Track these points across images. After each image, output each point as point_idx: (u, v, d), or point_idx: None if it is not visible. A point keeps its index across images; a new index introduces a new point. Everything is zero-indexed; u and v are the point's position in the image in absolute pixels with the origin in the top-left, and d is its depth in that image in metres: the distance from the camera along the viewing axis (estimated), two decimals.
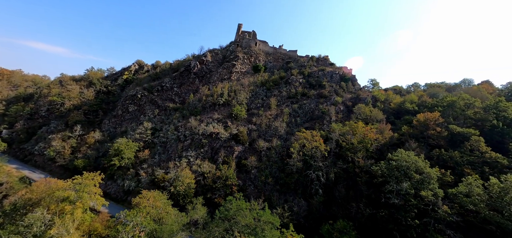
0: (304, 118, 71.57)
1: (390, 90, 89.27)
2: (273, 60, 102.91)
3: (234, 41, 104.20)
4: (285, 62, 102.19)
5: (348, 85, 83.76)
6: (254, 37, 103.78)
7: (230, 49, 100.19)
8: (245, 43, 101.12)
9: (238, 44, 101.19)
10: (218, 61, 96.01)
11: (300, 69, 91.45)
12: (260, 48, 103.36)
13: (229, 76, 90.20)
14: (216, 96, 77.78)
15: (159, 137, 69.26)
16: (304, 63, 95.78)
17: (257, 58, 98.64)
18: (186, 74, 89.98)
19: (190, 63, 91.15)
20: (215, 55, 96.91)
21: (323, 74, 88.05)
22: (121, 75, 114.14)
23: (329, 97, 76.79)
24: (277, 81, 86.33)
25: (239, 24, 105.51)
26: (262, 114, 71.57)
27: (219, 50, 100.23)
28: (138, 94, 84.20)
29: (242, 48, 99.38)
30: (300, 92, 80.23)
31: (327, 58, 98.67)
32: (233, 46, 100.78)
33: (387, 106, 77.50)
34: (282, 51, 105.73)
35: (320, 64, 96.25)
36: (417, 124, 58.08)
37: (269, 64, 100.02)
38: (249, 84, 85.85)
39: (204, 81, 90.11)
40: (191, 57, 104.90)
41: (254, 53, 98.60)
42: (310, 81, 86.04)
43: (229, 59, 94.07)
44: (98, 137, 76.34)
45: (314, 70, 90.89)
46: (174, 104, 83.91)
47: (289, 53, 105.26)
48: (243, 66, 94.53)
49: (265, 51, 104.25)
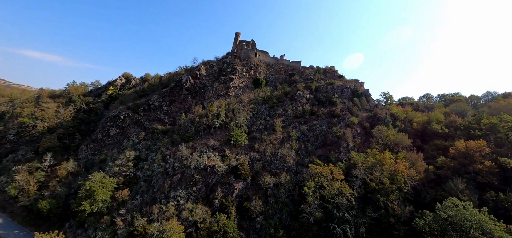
0: (315, 143, 60.96)
1: (408, 106, 79.43)
2: (275, 72, 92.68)
3: (231, 52, 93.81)
4: (288, 75, 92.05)
5: (362, 101, 73.64)
6: (253, 47, 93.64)
7: (226, 61, 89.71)
8: (244, 54, 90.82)
9: (235, 55, 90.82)
10: (213, 74, 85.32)
11: (306, 83, 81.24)
12: (261, 59, 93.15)
13: (226, 92, 79.49)
14: (212, 117, 66.81)
15: (143, 169, 57.78)
16: (310, 76, 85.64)
17: (257, 70, 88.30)
18: (177, 91, 78.95)
19: (181, 77, 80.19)
20: (210, 68, 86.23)
21: (332, 89, 77.91)
22: (105, 90, 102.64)
23: (343, 117, 66.49)
24: (281, 98, 75.85)
25: (236, 33, 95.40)
26: (265, 139, 60.77)
27: (215, 62, 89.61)
28: (121, 115, 72.72)
29: (241, 60, 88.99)
30: (308, 111, 69.80)
31: (334, 70, 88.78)
32: (230, 57, 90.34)
33: (408, 126, 67.51)
34: (284, 62, 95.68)
35: (328, 77, 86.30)
36: (455, 154, 47.91)
37: (270, 77, 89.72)
38: (249, 101, 75.17)
39: (198, 98, 79.16)
40: (183, 69, 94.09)
41: (253, 65, 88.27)
42: (318, 97, 75.79)
43: (226, 73, 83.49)
44: (72, 167, 64.53)
45: (322, 84, 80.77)
46: (163, 125, 72.62)
47: (293, 65, 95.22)
48: (242, 80, 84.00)
49: (266, 62, 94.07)
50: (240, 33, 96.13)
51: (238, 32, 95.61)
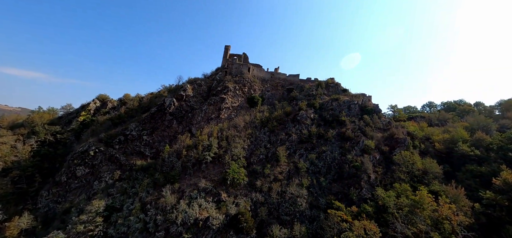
0: (329, 175, 51.04)
1: (421, 121, 71.56)
2: (271, 88, 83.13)
3: (221, 68, 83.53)
4: (285, 90, 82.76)
5: (373, 119, 64.97)
6: (245, 61, 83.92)
7: (216, 78, 79.20)
8: (236, 70, 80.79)
9: (226, 71, 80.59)
10: (201, 95, 74.39)
11: (308, 100, 71.90)
12: (255, 74, 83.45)
13: (217, 115, 68.70)
14: (202, 149, 55.66)
15: (116, 224, 45.38)
16: (312, 91, 76.51)
17: (251, 87, 78.31)
18: (159, 116, 67.29)
19: (164, 100, 68.71)
20: (197, 87, 75.32)
21: (338, 106, 69.00)
22: (77, 116, 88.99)
23: (356, 140, 57.27)
24: (281, 119, 65.91)
25: (226, 46, 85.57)
26: (269, 174, 50.29)
27: (202, 80, 78.76)
28: (90, 150, 60.01)
29: (232, 76, 78.77)
30: (315, 133, 60.18)
31: (337, 83, 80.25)
32: (220, 74, 79.95)
33: (429, 146, 59.28)
34: (280, 77, 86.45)
35: (331, 91, 77.62)
36: (503, 187, 39.34)
37: (266, 94, 79.96)
38: (246, 125, 64.71)
39: (185, 124, 67.80)
40: (166, 89, 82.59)
41: (247, 82, 78.28)
42: (324, 116, 66.51)
43: (216, 92, 72.85)
44: (26, 223, 50.99)
45: (326, 101, 71.77)
46: (143, 160, 60.53)
47: (290, 79, 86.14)
48: (235, 99, 73.61)
49: (260, 77, 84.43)
50: (230, 47, 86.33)
51: (228, 46, 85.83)
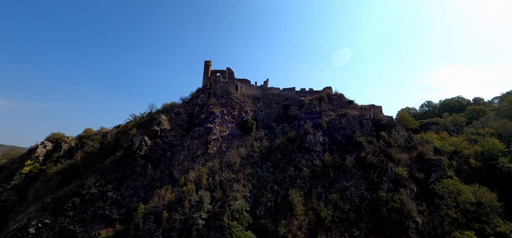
0: (362, 224, 39.26)
1: (444, 132, 63.05)
2: (264, 106, 70.65)
3: (202, 88, 69.39)
4: (281, 107, 70.80)
5: (393, 136, 54.98)
6: (231, 78, 70.73)
7: (198, 101, 64.98)
8: (221, 89, 67.22)
9: (209, 93, 66.75)
10: (181, 126, 59.72)
11: (313, 119, 60.35)
12: (244, 92, 70.48)
13: (204, 150, 54.57)
14: (189, 207, 41.27)
15: None
16: (314, 107, 65.11)
17: (242, 109, 65.14)
18: (128, 161, 51.54)
19: (132, 140, 53.09)
20: (175, 116, 60.49)
21: (348, 123, 58.34)
22: (21, 166, 69.21)
23: (381, 167, 46.45)
24: (285, 148, 53.48)
25: (206, 62, 71.65)
26: (284, 233, 37.35)
27: (181, 106, 63.90)
28: (30, 227, 42.71)
29: (218, 98, 65.09)
30: (330, 164, 48.54)
31: (341, 94, 69.76)
32: (202, 96, 65.85)
33: (462, 164, 50.29)
34: (273, 91, 74.36)
35: (336, 105, 66.90)
36: None
37: (260, 115, 67.27)
38: (242, 161, 51.34)
39: (163, 167, 52.71)
40: (136, 120, 66.32)
41: (236, 103, 65.08)
42: (335, 138, 55.30)
43: (200, 121, 58.71)
44: None
45: (333, 117, 60.81)
46: (109, 229, 44.48)
47: (285, 93, 74.37)
48: (224, 126, 59.95)
49: (251, 95, 71.66)
50: (211, 62, 72.57)
51: (208, 61, 71.99)
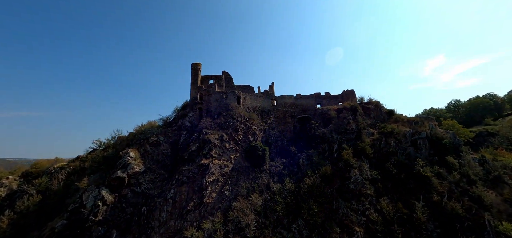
0: None
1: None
2: (276, 122, 52.78)
3: (190, 103, 50.11)
4: (297, 121, 53.33)
5: (464, 161, 39.05)
6: (230, 86, 52.27)
7: (185, 123, 45.92)
8: (218, 104, 48.54)
9: (200, 108, 47.89)
10: (162, 163, 40.60)
11: (352, 141, 43.13)
12: (248, 105, 52.09)
13: (199, 201, 36.20)
14: None
15: None
16: (346, 123, 47.80)
17: (248, 129, 46.88)
18: (77, 232, 31.98)
19: (81, 197, 33.45)
20: (151, 150, 41.17)
21: (398, 145, 41.83)
22: None
23: (474, 221, 30.22)
24: (322, 193, 35.91)
25: (194, 65, 52.29)
26: None
27: (161, 132, 44.22)
28: None
29: (213, 117, 46.38)
30: (393, 216, 31.72)
31: (377, 103, 52.83)
32: (191, 116, 46.84)
33: None
34: (286, 102, 56.50)
35: (373, 116, 50.07)
36: None
37: (272, 135, 49.43)
38: (258, 221, 33.34)
39: (135, 235, 33.71)
40: (89, 158, 45.52)
41: (240, 121, 46.77)
42: (387, 169, 38.50)
43: (190, 154, 39.95)
44: None
45: (375, 138, 44.05)
46: None
47: (301, 102, 56.70)
48: (225, 158, 41.63)
49: (258, 108, 53.43)
50: (200, 65, 53.39)
51: (196, 64, 52.70)
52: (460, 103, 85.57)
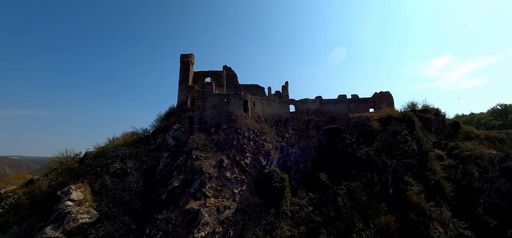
0: None
1: None
2: (296, 135, 38.61)
3: (177, 110, 35.84)
4: (323, 133, 39.19)
5: None
6: (233, 86, 38.27)
7: (168, 141, 31.79)
8: (216, 112, 34.40)
9: (191, 118, 33.72)
10: (129, 205, 26.62)
11: (414, 169, 28.98)
12: (259, 112, 37.87)
13: None
14: None
15: None
16: (408, 144, 33.47)
17: (260, 149, 32.69)
18: None
19: None
20: (116, 184, 27.07)
21: (482, 176, 27.65)
22: None
23: None
24: None
25: (184, 56, 38.24)
26: None
27: (131, 155, 29.94)
28: None
29: (209, 132, 32.21)
30: None
31: (437, 112, 38.32)
32: (176, 129, 32.70)
33: None
34: (309, 107, 42.11)
35: (433, 131, 35.77)
36: None
37: (292, 155, 35.35)
38: None
39: None
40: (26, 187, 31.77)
41: (248, 137, 32.61)
42: (479, 218, 24.29)
43: (171, 192, 25.88)
44: None
45: (445, 163, 29.86)
46: None
47: (329, 108, 42.33)
48: (224, 193, 27.63)
49: (271, 116, 39.19)
50: (193, 57, 39.33)
51: (187, 55, 38.56)
52: (509, 107, 71.06)
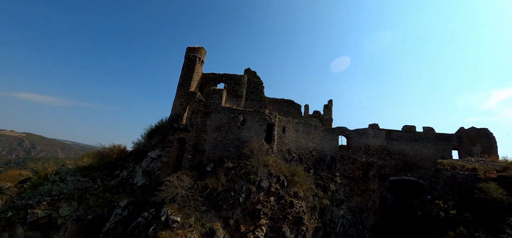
0: None
1: None
2: (348, 189, 23.87)
3: (166, 127, 23.91)
4: (388, 189, 23.80)
5: None
6: (257, 100, 25.52)
7: (133, 180, 19.79)
8: (219, 140, 21.66)
9: (182, 140, 21.49)
10: None
11: None
12: (288, 144, 24.17)
13: None
14: None
15: None
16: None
17: (284, 208, 18.87)
18: None
19: None
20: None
21: None
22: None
23: None
24: None
25: (191, 50, 26.93)
26: None
27: (67, 202, 17.99)
28: None
29: (204, 171, 19.48)
30: None
31: None
32: (154, 157, 20.67)
33: None
34: (369, 142, 27.07)
35: None
36: None
37: (339, 221, 20.72)
38: None
39: None
40: None
41: (266, 186, 19.00)
42: None
43: None
44: None
45: None
46: None
47: (402, 148, 26.89)
48: None
49: (307, 152, 25.10)
50: (203, 52, 27.78)
51: (195, 49, 27.10)
52: None
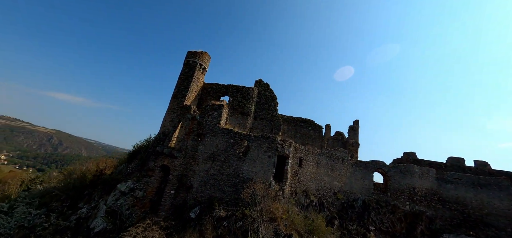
0: None
1: None
2: None
3: (151, 149, 18.81)
4: None
5: None
6: (271, 120, 20.02)
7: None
8: (212, 173, 16.19)
9: (166, 168, 16.33)
10: None
11: None
12: (305, 182, 18.02)
13: None
14: None
15: None
16: None
17: None
18: None
19: None
20: None
21: None
22: None
23: None
24: None
25: (191, 55, 22.21)
26: None
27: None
28: None
29: (187, 222, 13.87)
30: None
31: None
32: (119, 194, 15.53)
33: None
34: (414, 184, 20.00)
35: None
36: None
37: None
38: None
39: None
40: None
41: None
42: None
43: None
44: None
45: None
46: None
47: (458, 193, 19.64)
48: None
49: (334, 194, 18.79)
50: (206, 58, 23.02)
51: (195, 54, 22.36)
52: None
